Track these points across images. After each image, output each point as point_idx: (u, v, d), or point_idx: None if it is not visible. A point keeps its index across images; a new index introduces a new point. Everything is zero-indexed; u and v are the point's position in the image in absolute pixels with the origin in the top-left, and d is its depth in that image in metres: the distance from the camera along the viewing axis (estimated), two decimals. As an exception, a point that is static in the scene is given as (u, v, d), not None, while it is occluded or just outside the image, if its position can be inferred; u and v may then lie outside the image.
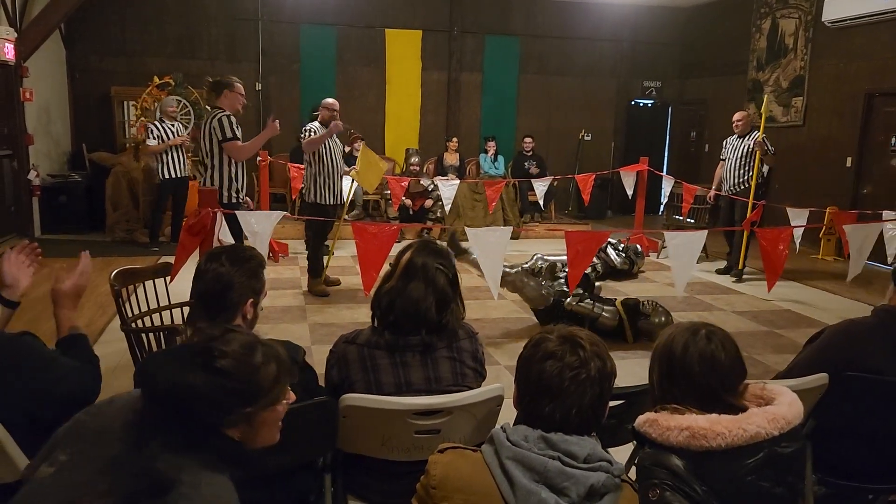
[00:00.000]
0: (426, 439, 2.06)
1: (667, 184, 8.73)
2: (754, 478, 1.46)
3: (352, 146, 9.71)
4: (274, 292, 6.30)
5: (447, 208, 8.49)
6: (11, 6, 8.11)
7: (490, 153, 10.66)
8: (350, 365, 2.15)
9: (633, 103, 12.50)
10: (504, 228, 4.21)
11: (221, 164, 4.83)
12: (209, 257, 2.12)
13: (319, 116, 6.14)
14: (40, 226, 8.93)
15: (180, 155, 8.14)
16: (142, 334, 3.28)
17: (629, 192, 8.93)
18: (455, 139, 10.68)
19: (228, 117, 4.82)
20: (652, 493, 1.46)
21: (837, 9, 8.78)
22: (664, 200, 8.88)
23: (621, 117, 12.41)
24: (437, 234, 9.27)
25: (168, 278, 3.57)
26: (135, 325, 3.39)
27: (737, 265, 7.50)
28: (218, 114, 4.88)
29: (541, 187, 8.79)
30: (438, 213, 9.23)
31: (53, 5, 8.52)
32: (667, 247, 4.86)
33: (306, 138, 5.98)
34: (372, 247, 3.97)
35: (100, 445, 1.31)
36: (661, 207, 9.41)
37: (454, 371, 2.16)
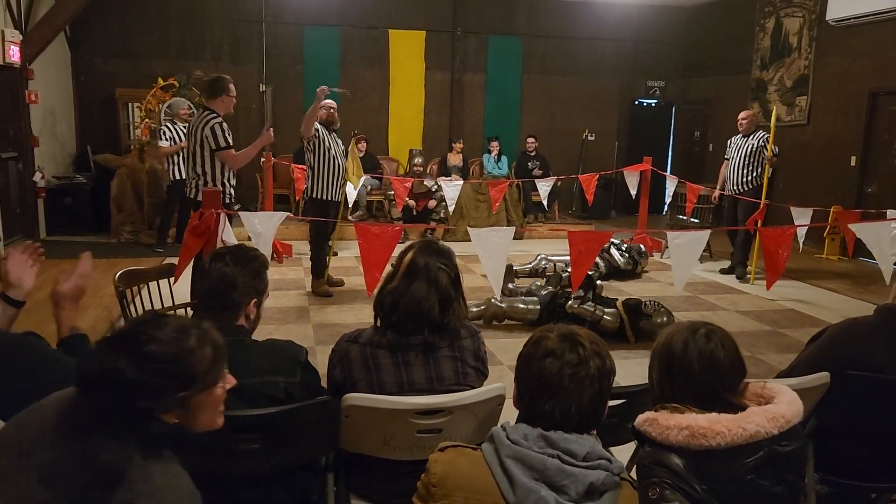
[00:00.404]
0: (428, 439, 2.06)
1: (670, 183, 8.72)
2: (754, 476, 1.47)
3: (356, 146, 9.74)
4: (278, 293, 6.32)
5: (451, 209, 8.50)
6: (17, 9, 8.15)
7: (493, 153, 10.67)
8: (352, 364, 2.15)
9: (636, 103, 12.49)
10: (507, 229, 4.22)
11: (214, 171, 4.79)
12: (214, 257, 2.13)
13: (322, 115, 6.22)
14: (45, 227, 8.95)
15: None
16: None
17: (633, 192, 8.93)
18: (461, 141, 10.69)
19: (221, 124, 4.79)
20: (652, 491, 1.46)
21: (841, 7, 8.76)
22: (668, 200, 8.86)
23: (625, 117, 12.40)
24: (440, 234, 9.29)
25: (172, 279, 3.59)
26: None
27: (740, 265, 7.48)
28: (210, 120, 4.80)
29: (544, 187, 8.79)
30: (442, 214, 9.23)
31: (58, 8, 8.56)
32: (668, 246, 4.86)
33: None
34: (375, 247, 3.98)
35: (32, 455, 1.28)
36: (665, 207, 9.39)
37: (456, 370, 2.17)
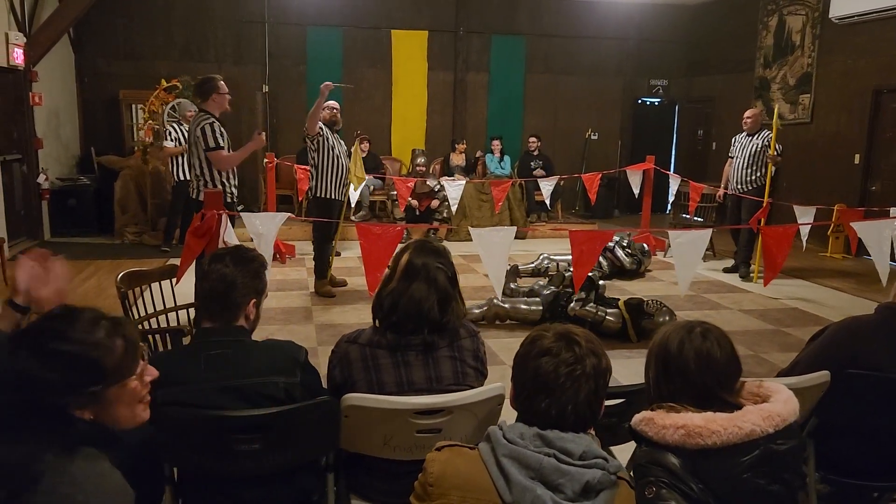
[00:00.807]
0: (428, 438, 2.07)
1: (673, 182, 8.70)
2: (750, 475, 1.47)
3: (359, 147, 9.76)
4: (280, 293, 6.35)
5: (454, 208, 8.51)
6: (21, 11, 8.19)
7: (496, 153, 10.67)
8: (352, 364, 2.16)
9: (639, 102, 12.47)
10: (508, 228, 4.21)
11: (211, 171, 4.85)
12: (213, 258, 2.14)
13: (325, 115, 6.25)
14: (49, 229, 8.99)
15: None
16: (148, 336, 3.32)
17: (636, 191, 8.90)
18: (464, 142, 10.69)
19: (212, 125, 4.82)
20: (648, 490, 1.47)
21: (844, 5, 8.73)
22: (671, 199, 8.84)
23: (628, 116, 12.38)
24: (443, 234, 9.30)
25: (174, 280, 3.60)
26: (141, 326, 3.42)
27: (744, 264, 7.46)
28: (202, 121, 4.85)
29: (547, 187, 8.78)
30: (445, 214, 9.24)
31: (62, 10, 8.60)
32: (671, 245, 4.85)
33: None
34: (376, 247, 3.98)
35: None
36: (668, 206, 9.37)
37: (455, 370, 2.17)
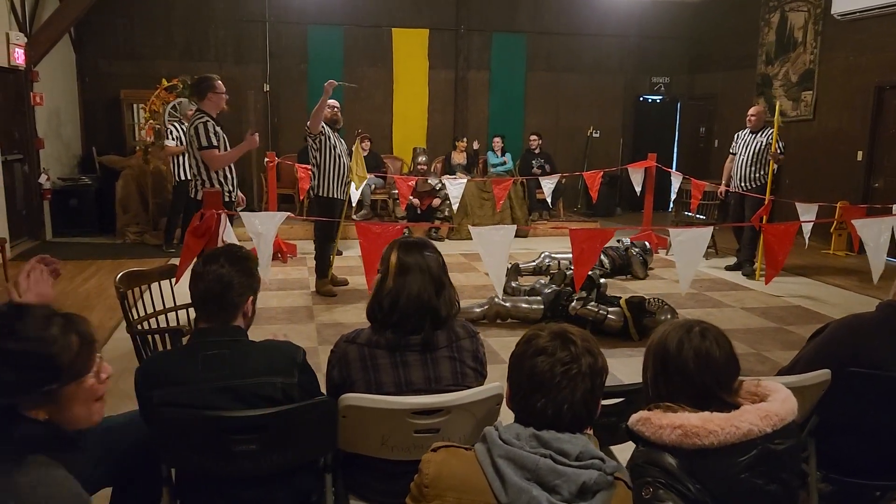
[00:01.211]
0: (426, 438, 2.06)
1: (675, 180, 8.67)
2: (748, 475, 1.46)
3: (360, 145, 9.74)
4: (282, 293, 6.35)
5: (455, 207, 8.50)
6: (21, 11, 8.19)
7: (497, 151, 10.66)
8: (350, 364, 2.15)
9: (641, 99, 12.44)
10: (508, 227, 4.20)
11: (208, 171, 4.90)
12: (207, 259, 2.12)
13: (326, 114, 6.25)
14: (51, 229, 9.00)
15: None
16: (147, 336, 3.31)
17: (637, 189, 8.88)
18: (464, 139, 10.68)
19: (205, 124, 4.85)
20: (645, 491, 1.46)
21: (847, 1, 8.71)
22: (673, 197, 8.81)
23: (629, 113, 12.35)
24: (444, 233, 9.29)
25: (174, 280, 3.60)
26: (140, 326, 3.42)
27: (748, 262, 7.43)
28: (196, 120, 4.89)
29: (548, 185, 8.76)
30: (446, 212, 9.23)
31: (63, 10, 8.60)
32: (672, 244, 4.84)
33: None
34: (376, 246, 3.97)
35: None
36: (671, 204, 9.34)
37: (454, 371, 2.16)
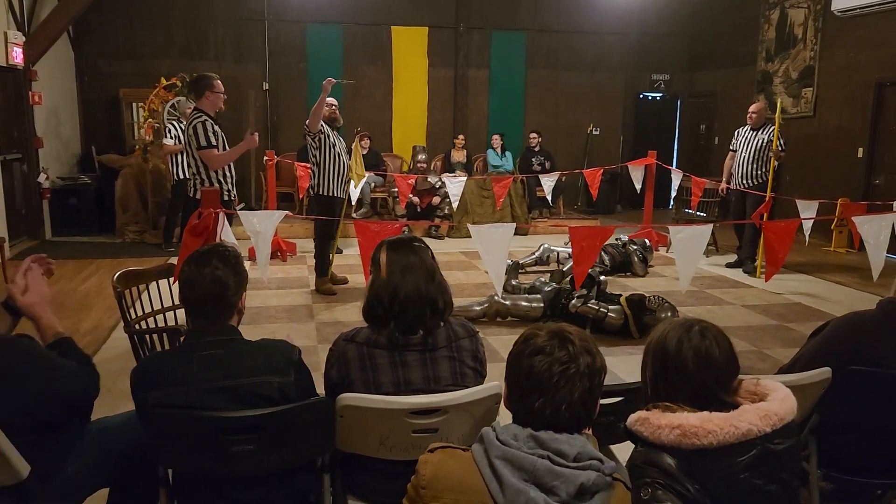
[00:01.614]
0: (424, 438, 2.04)
1: (676, 177, 8.66)
2: (747, 475, 1.45)
3: (360, 144, 9.72)
4: (282, 291, 6.34)
5: (455, 205, 8.48)
6: (20, 10, 8.18)
7: (497, 149, 10.65)
8: (349, 364, 2.13)
9: (641, 97, 12.42)
10: (508, 224, 4.19)
11: (207, 170, 4.91)
12: (198, 262, 2.07)
13: (325, 113, 6.22)
14: (51, 228, 8.99)
15: None
16: (146, 335, 3.30)
17: (638, 187, 8.88)
18: (462, 136, 10.67)
19: (204, 123, 4.86)
20: (644, 492, 1.44)
21: (847, -2, 8.68)
22: (673, 194, 8.80)
23: (629, 111, 12.33)
24: (444, 231, 9.28)
25: (172, 279, 3.59)
26: (138, 326, 3.41)
27: (749, 259, 7.41)
28: (194, 120, 4.90)
29: (548, 183, 8.76)
30: (446, 210, 9.22)
31: (61, 9, 8.58)
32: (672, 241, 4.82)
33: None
34: (375, 245, 3.96)
35: None
36: (671, 201, 9.33)
37: (454, 371, 2.15)
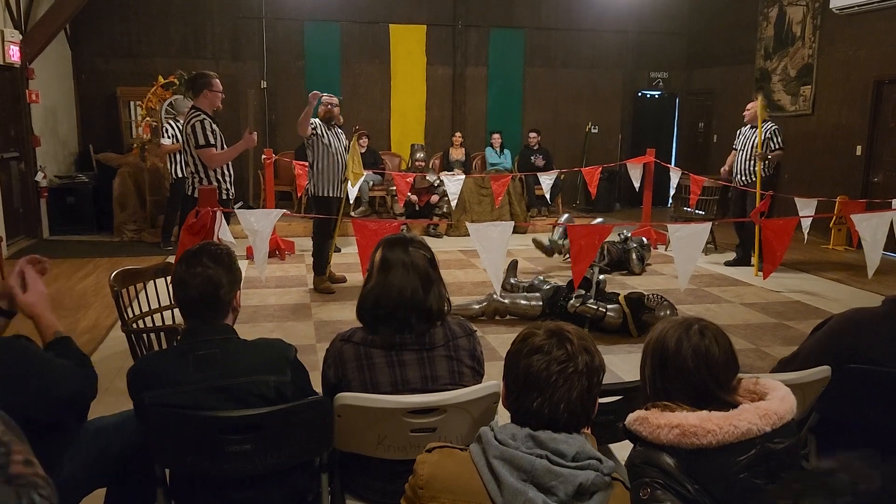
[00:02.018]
0: (422, 438, 2.04)
1: (674, 175, 8.66)
2: (747, 475, 1.44)
3: (357, 142, 9.70)
4: (280, 290, 6.33)
5: (453, 203, 8.47)
6: (16, 8, 8.15)
7: (496, 147, 10.64)
8: (346, 364, 2.13)
9: (639, 95, 12.40)
10: (506, 223, 4.19)
11: (205, 169, 4.90)
12: (190, 262, 2.04)
13: (320, 112, 6.18)
14: (48, 227, 8.97)
15: None
16: (143, 334, 3.29)
17: (636, 185, 8.87)
18: (459, 133, 10.65)
19: (202, 122, 4.85)
20: (643, 491, 1.44)
21: (845, -5, 8.67)
22: (672, 192, 8.79)
23: (628, 109, 12.31)
24: (443, 229, 9.26)
25: (169, 278, 3.57)
26: (135, 325, 3.40)
27: (747, 255, 7.41)
28: (192, 118, 4.89)
29: (547, 181, 8.75)
30: (445, 209, 9.20)
31: (58, 7, 8.55)
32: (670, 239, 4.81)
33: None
34: (373, 243, 3.92)
35: None
36: (670, 199, 9.32)
37: (451, 370, 2.14)
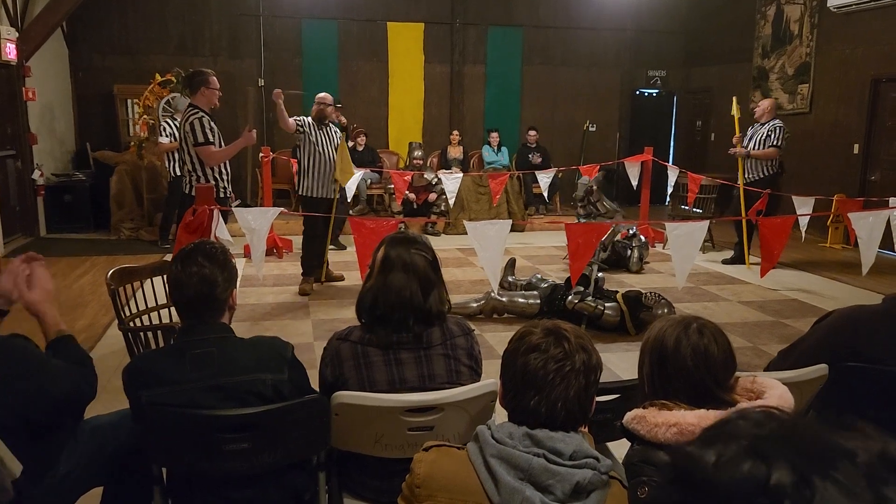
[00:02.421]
0: (420, 436, 2.04)
1: (672, 174, 8.66)
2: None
3: (355, 140, 9.70)
4: (277, 288, 6.32)
5: (451, 202, 8.46)
6: (13, 6, 8.12)
7: (493, 145, 10.63)
8: (344, 362, 2.13)
9: (637, 93, 12.40)
10: (503, 221, 4.19)
11: (203, 166, 4.89)
12: (184, 261, 2.03)
13: (313, 110, 6.10)
14: (45, 225, 8.95)
15: None
16: (140, 333, 3.29)
17: (634, 183, 8.87)
18: (456, 132, 10.64)
19: (201, 119, 4.84)
20: (640, 490, 1.43)
21: (843, -6, 8.67)
22: (670, 190, 8.79)
23: (626, 107, 12.31)
24: (441, 227, 9.26)
25: (166, 276, 3.57)
26: (133, 323, 3.39)
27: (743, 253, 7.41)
28: (191, 116, 4.88)
29: (545, 179, 8.75)
30: (442, 207, 9.19)
31: (54, 4, 8.52)
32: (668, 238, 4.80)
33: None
34: (370, 241, 3.96)
35: None
36: (667, 197, 9.33)
37: (449, 369, 2.14)
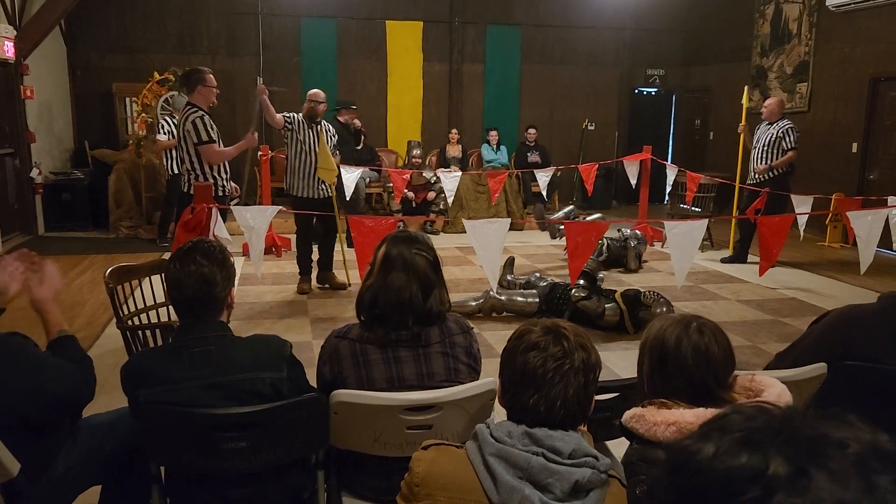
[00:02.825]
0: (419, 435, 2.04)
1: (671, 172, 8.66)
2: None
3: (353, 122, 9.64)
4: (276, 287, 6.32)
5: (450, 200, 8.46)
6: (10, 4, 8.10)
7: (492, 143, 10.63)
8: (342, 360, 2.13)
9: (636, 92, 12.39)
10: (502, 220, 4.18)
11: (202, 165, 4.88)
12: (182, 260, 2.02)
13: (304, 108, 6.07)
14: (43, 223, 8.94)
15: None
16: (138, 331, 3.28)
17: (633, 182, 8.87)
18: (455, 130, 10.64)
19: (202, 118, 4.84)
20: (639, 489, 1.43)
21: (842, -7, 8.67)
22: (669, 189, 8.79)
23: (625, 106, 12.30)
24: (440, 226, 9.25)
25: (164, 275, 3.56)
26: (131, 322, 3.39)
27: (744, 251, 7.42)
28: (191, 115, 4.87)
29: (543, 178, 8.74)
30: (441, 206, 9.19)
31: (52, 2, 8.50)
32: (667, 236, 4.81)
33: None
34: (369, 240, 3.95)
35: None
36: (666, 196, 9.33)
37: (447, 367, 2.14)
